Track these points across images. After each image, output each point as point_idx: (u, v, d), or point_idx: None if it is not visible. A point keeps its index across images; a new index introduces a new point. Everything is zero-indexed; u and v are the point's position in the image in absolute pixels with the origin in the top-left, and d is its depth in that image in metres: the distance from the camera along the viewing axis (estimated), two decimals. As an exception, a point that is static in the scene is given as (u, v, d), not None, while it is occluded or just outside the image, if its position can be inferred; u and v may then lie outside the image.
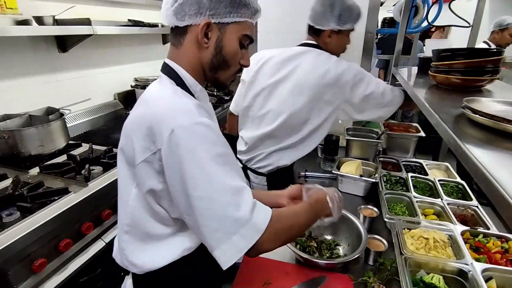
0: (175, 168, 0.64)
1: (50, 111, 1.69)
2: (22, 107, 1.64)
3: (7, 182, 1.29)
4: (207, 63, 0.76)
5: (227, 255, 0.66)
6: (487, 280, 0.83)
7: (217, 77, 0.80)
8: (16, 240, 0.99)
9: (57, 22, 1.66)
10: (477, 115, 0.63)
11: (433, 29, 3.15)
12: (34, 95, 1.75)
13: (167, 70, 0.77)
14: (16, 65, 1.64)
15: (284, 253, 1.07)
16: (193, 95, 0.77)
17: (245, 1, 0.72)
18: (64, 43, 1.83)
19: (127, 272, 0.83)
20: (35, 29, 1.55)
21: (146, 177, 0.69)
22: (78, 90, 1.99)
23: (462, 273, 0.86)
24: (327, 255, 1.05)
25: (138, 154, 0.68)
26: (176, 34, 0.75)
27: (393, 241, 1.00)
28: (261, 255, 1.02)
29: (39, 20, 1.58)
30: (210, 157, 0.64)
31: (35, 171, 1.43)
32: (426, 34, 3.45)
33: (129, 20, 2.24)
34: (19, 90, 1.68)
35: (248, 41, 0.79)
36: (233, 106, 1.63)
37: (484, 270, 0.84)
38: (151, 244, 0.77)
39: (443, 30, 3.54)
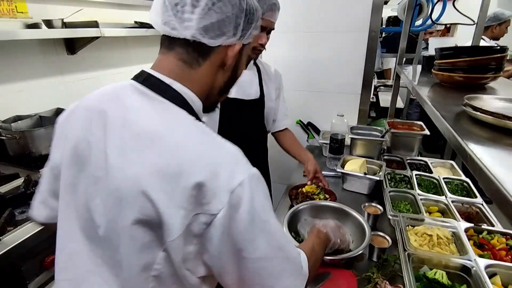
0: (230, 233, 0.54)
1: (59, 112, 1.73)
2: (33, 109, 1.68)
3: (19, 181, 1.33)
4: (220, 87, 0.67)
5: None
6: (491, 276, 0.84)
7: (218, 100, 0.72)
8: (28, 237, 1.02)
9: (65, 25, 1.69)
10: (478, 112, 0.64)
11: (437, 28, 3.13)
12: (44, 97, 1.79)
13: (171, 94, 0.60)
14: (26, 67, 1.68)
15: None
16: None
17: (258, 23, 0.67)
18: (72, 46, 1.87)
19: None
20: (44, 33, 1.58)
21: (184, 244, 0.54)
22: (87, 91, 1.97)
23: (465, 269, 0.87)
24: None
25: (177, 220, 0.52)
26: (194, 51, 0.61)
27: (397, 237, 1.01)
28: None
29: (49, 24, 1.62)
30: (267, 212, 0.58)
31: (45, 170, 1.47)
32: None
33: (136, 22, 2.28)
34: (29, 92, 1.72)
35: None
36: None
37: (487, 266, 0.85)
38: None
39: (447, 28, 3.51)
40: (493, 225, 1.08)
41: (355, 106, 2.00)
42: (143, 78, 0.61)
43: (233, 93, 1.43)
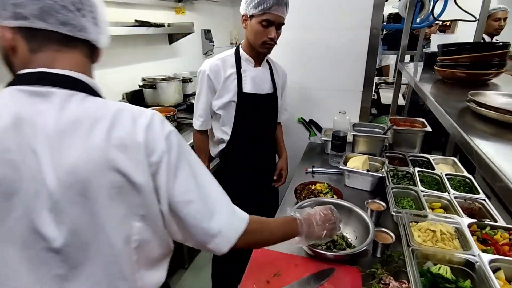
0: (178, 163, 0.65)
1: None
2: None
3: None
4: None
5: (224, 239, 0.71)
6: (494, 271, 0.84)
7: None
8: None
9: (67, 24, 1.69)
10: (482, 108, 0.65)
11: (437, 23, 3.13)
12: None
13: (92, 91, 0.65)
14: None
15: (293, 246, 1.09)
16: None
17: None
18: (74, 45, 1.87)
19: None
20: (46, 32, 1.58)
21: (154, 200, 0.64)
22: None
23: (469, 264, 0.87)
24: (337, 247, 1.07)
25: (144, 178, 0.61)
26: (94, 51, 0.72)
27: (400, 233, 1.02)
28: (271, 248, 1.06)
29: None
30: (198, 159, 0.72)
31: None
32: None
33: (136, 21, 2.28)
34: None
35: None
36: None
37: (491, 261, 0.85)
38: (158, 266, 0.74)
39: (449, 25, 3.50)
40: (496, 221, 1.09)
41: (356, 104, 2.01)
42: (37, 78, 0.59)
43: (249, 88, 1.48)
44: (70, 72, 0.62)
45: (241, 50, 1.50)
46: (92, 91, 0.64)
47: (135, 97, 2.40)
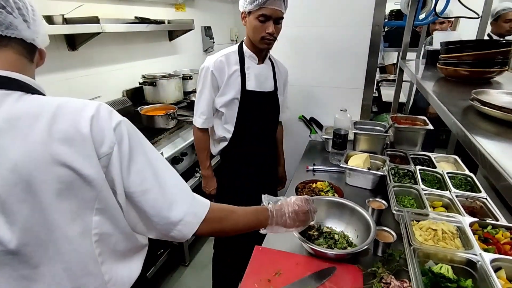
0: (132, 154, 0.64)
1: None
2: (35, 105, 1.68)
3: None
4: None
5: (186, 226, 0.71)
6: (496, 270, 0.84)
7: None
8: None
9: (66, 21, 1.68)
10: (486, 107, 0.64)
11: (440, 21, 3.09)
12: (46, 93, 1.78)
13: (30, 89, 0.64)
14: (28, 64, 1.67)
15: (295, 245, 1.09)
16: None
17: None
18: (73, 42, 1.86)
19: None
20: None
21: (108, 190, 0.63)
22: (88, 88, 2.02)
23: (471, 263, 0.87)
24: (338, 246, 1.07)
25: (94, 170, 0.59)
26: (30, 49, 0.68)
27: (402, 232, 1.02)
28: (272, 247, 1.06)
29: (49, 19, 1.61)
30: (151, 147, 0.71)
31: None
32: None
33: (136, 18, 2.26)
34: (32, 89, 1.71)
35: None
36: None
37: (493, 260, 0.85)
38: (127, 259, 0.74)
39: (450, 22, 3.47)
40: (497, 220, 1.08)
41: (358, 101, 2.00)
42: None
43: (252, 85, 1.47)
44: (3, 71, 0.60)
45: (244, 47, 1.48)
46: (30, 90, 0.63)
47: (135, 95, 2.39)
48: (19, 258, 0.58)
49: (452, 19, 2.93)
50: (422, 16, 2.07)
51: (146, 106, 2.15)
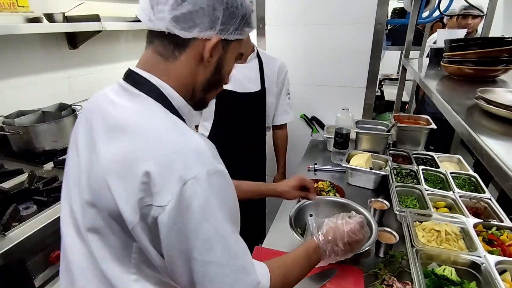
0: (180, 228, 0.51)
1: (62, 107, 1.72)
2: (35, 104, 1.67)
3: (23, 177, 1.33)
4: (202, 83, 0.65)
5: None
6: (501, 273, 0.82)
7: (206, 97, 0.70)
8: (33, 232, 1.02)
9: (67, 19, 1.67)
10: (492, 106, 0.62)
11: (444, 20, 3.06)
12: (47, 92, 1.78)
13: (148, 87, 0.60)
14: (28, 62, 1.67)
15: (295, 245, 1.08)
16: (183, 120, 0.63)
17: (250, 20, 0.65)
18: (74, 40, 1.85)
19: None
20: (46, 27, 1.56)
21: (144, 234, 0.53)
22: (89, 86, 2.02)
23: (475, 265, 0.85)
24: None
25: (129, 208, 0.51)
26: (170, 43, 0.60)
27: (404, 233, 1.00)
28: (273, 248, 1.04)
29: (50, 18, 1.60)
30: (224, 215, 0.53)
31: (49, 166, 1.46)
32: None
33: (137, 16, 2.25)
34: (32, 87, 1.71)
35: (239, 59, 0.71)
36: None
37: (498, 263, 0.83)
38: None
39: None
40: (502, 221, 1.06)
41: (360, 100, 1.98)
42: (126, 75, 0.63)
43: (230, 85, 1.40)
44: (143, 72, 0.62)
45: None
46: (157, 96, 0.60)
47: (136, 93, 2.39)
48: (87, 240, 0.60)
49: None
50: (425, 14, 2.04)
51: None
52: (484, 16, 1.61)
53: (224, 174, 0.55)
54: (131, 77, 0.62)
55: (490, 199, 1.18)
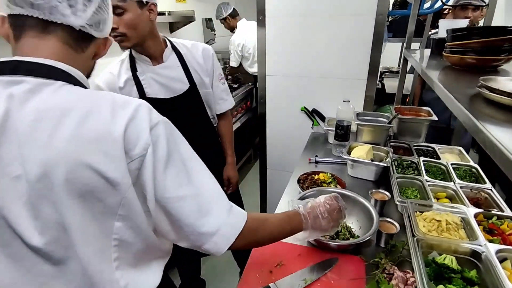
0: (159, 166, 0.61)
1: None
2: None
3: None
4: (88, 73, 0.72)
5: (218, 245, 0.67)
6: (501, 261, 0.83)
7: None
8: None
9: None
10: (495, 94, 0.62)
11: (446, 11, 3.03)
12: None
13: (57, 73, 0.59)
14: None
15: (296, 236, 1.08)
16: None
17: None
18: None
19: None
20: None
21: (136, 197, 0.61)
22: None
23: (475, 254, 0.86)
24: (340, 237, 1.06)
25: (120, 174, 0.56)
26: (80, 38, 0.63)
27: (405, 223, 1.01)
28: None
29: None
30: (187, 143, 0.68)
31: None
32: (438, 15, 3.30)
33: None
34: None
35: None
36: None
37: (498, 251, 0.84)
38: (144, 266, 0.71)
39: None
40: (502, 211, 1.07)
41: (361, 92, 1.97)
42: (12, 68, 0.56)
43: (154, 92, 1.26)
44: (46, 60, 0.58)
45: (133, 51, 1.28)
46: (73, 81, 0.60)
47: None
48: (40, 253, 0.58)
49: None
50: (427, 5, 2.02)
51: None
52: (487, 6, 1.59)
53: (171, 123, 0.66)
54: (25, 68, 0.57)
55: (491, 189, 1.18)
